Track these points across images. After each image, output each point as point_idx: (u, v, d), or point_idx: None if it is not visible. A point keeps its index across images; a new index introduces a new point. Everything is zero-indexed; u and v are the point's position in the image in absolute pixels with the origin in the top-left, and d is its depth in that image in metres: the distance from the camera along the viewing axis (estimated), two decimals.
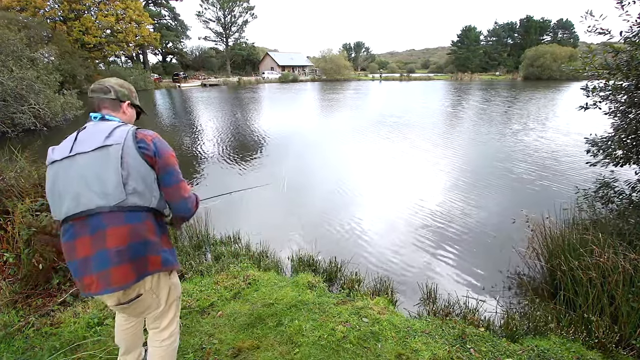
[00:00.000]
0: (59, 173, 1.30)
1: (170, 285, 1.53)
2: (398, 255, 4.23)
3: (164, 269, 1.39)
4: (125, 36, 35.90)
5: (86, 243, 1.25)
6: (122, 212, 1.26)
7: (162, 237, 1.41)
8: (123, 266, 1.25)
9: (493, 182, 6.90)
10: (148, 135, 1.37)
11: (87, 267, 1.25)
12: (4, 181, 3.22)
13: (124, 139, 1.29)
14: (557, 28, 67.12)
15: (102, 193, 1.24)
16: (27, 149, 4.00)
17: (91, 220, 1.25)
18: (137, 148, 1.31)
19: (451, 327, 2.46)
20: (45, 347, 2.13)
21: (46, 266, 2.64)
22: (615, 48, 3.45)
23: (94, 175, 1.25)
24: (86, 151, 1.28)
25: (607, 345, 2.24)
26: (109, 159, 1.26)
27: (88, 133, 1.34)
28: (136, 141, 1.32)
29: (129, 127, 1.36)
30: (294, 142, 11.10)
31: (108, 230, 1.24)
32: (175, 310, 1.60)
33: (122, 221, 1.26)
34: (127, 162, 1.27)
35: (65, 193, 1.27)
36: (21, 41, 14.07)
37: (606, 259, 2.59)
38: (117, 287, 1.26)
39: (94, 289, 1.26)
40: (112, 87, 1.48)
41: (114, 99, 1.47)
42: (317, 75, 54.93)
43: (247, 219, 5.28)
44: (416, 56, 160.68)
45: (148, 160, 1.33)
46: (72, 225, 1.27)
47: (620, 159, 3.81)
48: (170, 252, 1.45)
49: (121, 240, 1.25)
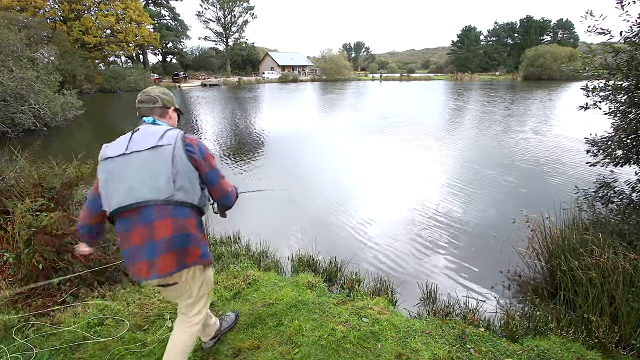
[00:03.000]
0: (114, 169, 1.42)
1: (203, 279, 1.68)
2: (398, 255, 4.23)
3: (201, 261, 1.54)
4: (125, 36, 35.88)
5: (138, 234, 1.40)
6: (169, 205, 1.40)
7: (202, 233, 1.57)
8: (168, 255, 1.40)
9: (493, 182, 6.90)
10: (194, 139, 1.53)
11: (138, 255, 1.40)
12: (4, 181, 3.21)
13: (174, 141, 1.44)
14: (557, 28, 67.09)
15: (154, 187, 1.38)
16: (27, 149, 3.99)
17: (143, 212, 1.39)
18: (185, 150, 1.46)
19: (451, 327, 2.45)
20: (45, 347, 2.13)
21: (46, 266, 2.64)
22: (615, 48, 3.45)
23: (147, 171, 1.39)
24: (141, 150, 1.41)
25: (607, 345, 2.24)
26: (162, 158, 1.40)
27: (142, 134, 1.48)
28: (184, 144, 1.47)
29: (178, 131, 1.51)
30: (294, 142, 11.10)
31: (156, 223, 1.38)
32: (204, 302, 1.76)
33: (169, 214, 1.40)
34: (177, 162, 1.42)
35: (118, 187, 1.40)
36: (21, 41, 14.08)
37: (606, 259, 2.59)
38: (162, 274, 1.41)
39: (144, 274, 1.41)
40: (158, 96, 1.62)
41: (161, 107, 1.63)
42: (317, 75, 54.90)
43: (247, 219, 5.27)
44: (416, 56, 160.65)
45: (193, 162, 1.48)
46: (126, 218, 1.41)
47: (620, 159, 3.80)
48: (206, 247, 1.59)
49: (167, 231, 1.39)
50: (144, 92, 1.64)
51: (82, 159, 3.52)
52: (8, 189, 3.06)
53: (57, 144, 11.39)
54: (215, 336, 2.17)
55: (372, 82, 51.57)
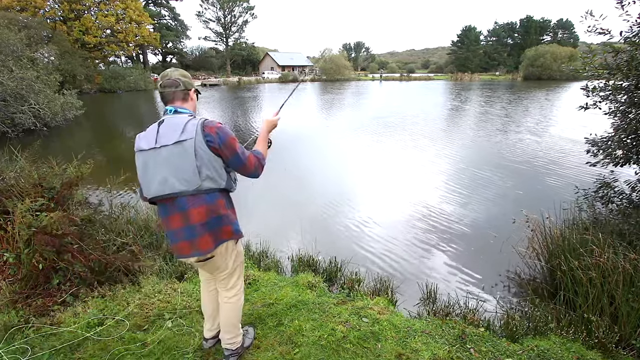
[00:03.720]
0: (147, 160, 1.57)
1: (236, 252, 1.84)
2: (398, 255, 4.23)
3: (234, 236, 1.73)
4: (125, 36, 35.86)
5: (177, 219, 1.60)
6: (200, 194, 1.57)
7: (231, 210, 1.75)
8: (205, 237, 1.61)
9: (493, 182, 6.90)
10: (213, 127, 1.58)
11: (179, 236, 1.62)
12: (4, 181, 3.21)
13: (194, 133, 1.53)
14: (557, 28, 67.10)
15: (183, 180, 1.54)
16: (27, 149, 3.99)
17: (178, 201, 1.57)
18: (205, 141, 1.55)
19: (451, 327, 2.45)
20: (45, 347, 2.13)
21: (46, 266, 2.64)
22: (615, 48, 3.45)
23: (175, 166, 1.53)
24: (168, 144, 1.53)
25: (607, 345, 2.24)
26: (186, 153, 1.52)
27: (167, 127, 1.58)
28: (204, 134, 1.55)
29: (198, 121, 1.58)
30: (294, 142, 11.09)
31: (191, 210, 1.57)
32: (239, 273, 1.93)
33: (201, 202, 1.58)
34: (199, 154, 1.53)
35: (154, 177, 1.56)
36: (21, 41, 14.07)
37: (606, 259, 2.59)
38: (202, 252, 1.63)
39: (185, 252, 1.64)
40: (179, 79, 1.68)
41: (183, 90, 1.70)
42: (317, 75, 54.88)
43: (247, 219, 5.28)
44: (416, 56, 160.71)
45: (214, 151, 1.58)
46: (165, 204, 1.61)
47: (620, 159, 3.81)
48: (237, 223, 1.77)
49: (202, 217, 1.58)
50: (164, 75, 1.70)
51: (82, 159, 3.52)
52: (8, 189, 3.06)
53: (57, 144, 11.40)
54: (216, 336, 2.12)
55: (372, 82, 51.57)
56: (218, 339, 2.15)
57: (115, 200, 4.34)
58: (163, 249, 3.53)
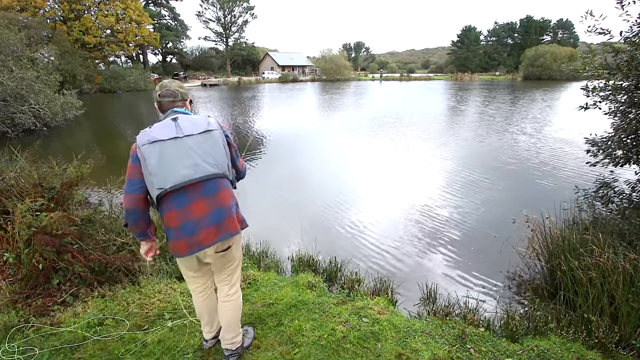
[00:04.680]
0: (166, 150, 1.54)
1: (241, 244, 1.95)
2: (398, 255, 4.23)
3: (243, 225, 1.83)
4: (125, 36, 35.85)
5: (202, 205, 1.60)
6: (225, 179, 1.69)
7: None
8: (232, 218, 1.71)
9: (493, 182, 6.90)
10: (226, 126, 1.82)
11: (203, 224, 1.60)
12: (4, 181, 3.21)
13: (218, 127, 1.70)
14: (557, 28, 67.06)
15: (214, 164, 1.62)
16: (27, 149, 3.99)
17: (207, 185, 1.61)
18: (224, 136, 1.73)
19: (451, 327, 2.45)
20: (45, 347, 2.13)
21: (46, 266, 2.64)
22: (615, 48, 3.45)
23: (206, 151, 1.61)
24: (194, 134, 1.59)
25: (607, 345, 2.24)
26: (215, 140, 1.65)
27: (187, 121, 1.64)
28: (223, 130, 1.73)
29: (215, 119, 1.74)
30: (294, 142, 11.10)
31: (222, 192, 1.66)
32: (240, 268, 1.99)
33: (226, 185, 1.70)
34: (224, 144, 1.70)
35: (178, 164, 1.54)
36: (21, 41, 14.07)
37: (606, 259, 2.59)
38: (231, 233, 1.69)
39: (210, 239, 1.63)
40: (177, 90, 1.78)
41: (181, 100, 1.80)
42: (317, 75, 54.88)
43: (247, 219, 5.27)
44: (416, 56, 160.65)
45: (228, 146, 1.75)
46: (185, 194, 1.58)
47: (620, 159, 3.80)
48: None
49: (229, 199, 1.70)
50: (162, 86, 1.78)
51: (82, 159, 3.52)
52: (8, 189, 3.06)
53: (57, 144, 11.39)
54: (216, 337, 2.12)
55: (372, 82, 51.56)
56: (218, 339, 2.15)
57: (115, 200, 4.34)
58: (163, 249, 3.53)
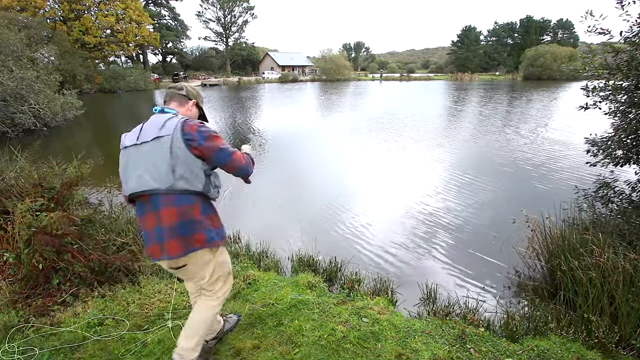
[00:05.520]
0: (129, 157, 1.55)
1: (214, 264, 1.73)
2: (398, 255, 4.23)
3: (207, 245, 1.61)
4: (125, 36, 35.84)
5: (151, 218, 1.53)
6: (173, 194, 1.49)
7: (210, 217, 1.63)
8: (173, 241, 1.51)
9: (493, 182, 6.90)
10: (194, 126, 1.54)
11: (151, 238, 1.55)
12: (4, 181, 3.21)
13: (173, 131, 1.50)
14: (557, 28, 67.07)
15: (157, 177, 1.48)
16: (27, 149, 3.99)
17: (152, 199, 1.51)
18: (184, 140, 1.50)
19: (451, 327, 2.45)
20: (45, 347, 2.13)
21: (46, 266, 2.64)
22: (615, 48, 3.45)
23: (151, 162, 1.49)
24: (147, 140, 1.51)
25: (607, 345, 2.24)
26: (162, 148, 1.48)
27: (149, 124, 1.57)
28: (183, 133, 1.50)
29: (179, 119, 1.55)
30: (294, 142, 11.10)
31: (162, 210, 1.50)
32: (221, 284, 1.82)
33: (173, 203, 1.50)
34: (175, 152, 1.48)
35: (132, 174, 1.52)
36: (21, 41, 14.07)
37: (606, 259, 2.59)
38: (169, 257, 1.54)
39: (156, 255, 1.56)
40: (185, 86, 1.77)
41: (184, 95, 1.74)
42: (317, 75, 54.87)
43: (247, 219, 5.28)
44: (416, 56, 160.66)
45: (194, 151, 1.52)
46: (141, 202, 1.56)
47: (620, 159, 3.80)
48: (217, 231, 1.67)
49: (172, 219, 1.50)
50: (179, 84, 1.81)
51: (82, 159, 3.52)
52: (8, 189, 3.06)
53: (57, 144, 11.39)
54: (217, 337, 2.16)
55: (372, 82, 51.56)
56: (219, 338, 2.16)
57: (115, 200, 4.34)
58: None
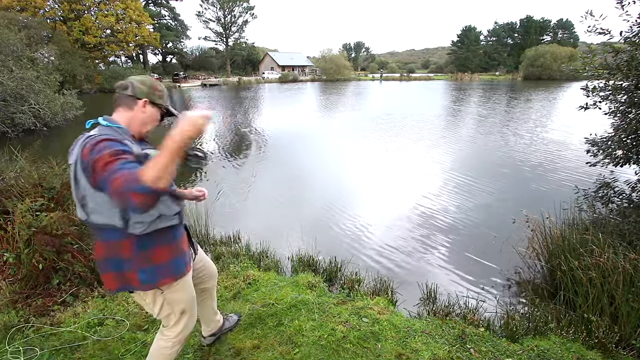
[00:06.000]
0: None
1: (162, 301, 1.48)
2: (398, 255, 4.23)
3: (142, 287, 1.39)
4: (125, 36, 35.86)
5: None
6: (97, 228, 1.31)
7: (142, 254, 1.33)
8: (106, 275, 1.37)
9: (493, 182, 6.89)
10: (89, 146, 1.16)
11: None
12: (4, 181, 3.21)
13: (76, 156, 1.21)
14: (557, 28, 67.07)
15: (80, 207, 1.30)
16: (27, 149, 3.99)
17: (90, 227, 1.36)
18: (82, 168, 1.19)
19: (451, 327, 2.45)
20: (45, 347, 2.13)
21: (46, 266, 2.64)
22: (615, 48, 3.44)
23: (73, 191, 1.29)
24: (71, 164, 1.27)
25: (607, 345, 2.24)
26: (70, 178, 1.27)
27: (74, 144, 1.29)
28: (81, 160, 1.19)
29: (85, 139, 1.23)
30: (294, 142, 11.09)
31: (96, 243, 1.37)
32: (174, 322, 1.57)
33: (100, 237, 1.33)
34: (80, 183, 1.22)
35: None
36: (21, 41, 14.06)
37: (606, 259, 2.59)
38: (109, 290, 1.42)
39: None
40: (132, 82, 1.38)
41: (130, 96, 1.36)
42: (317, 75, 54.87)
43: (247, 219, 5.28)
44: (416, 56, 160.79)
45: (91, 181, 1.18)
46: None
47: (620, 159, 3.80)
48: (150, 270, 1.36)
49: (100, 253, 1.35)
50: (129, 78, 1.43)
51: None
52: (8, 189, 3.06)
53: (57, 144, 11.39)
54: (216, 334, 2.17)
55: (372, 82, 51.56)
56: (217, 336, 2.18)
57: None
58: None
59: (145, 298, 1.47)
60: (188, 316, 1.61)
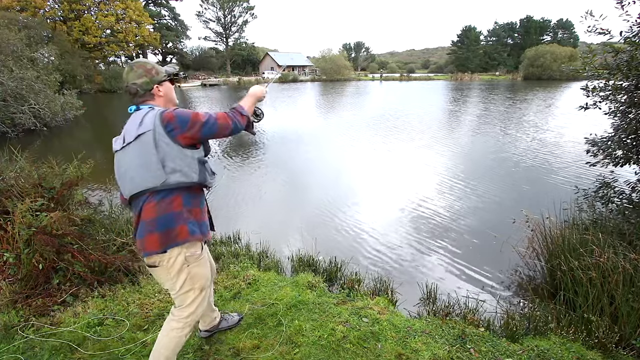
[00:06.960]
0: (119, 162, 1.54)
1: (187, 274, 1.60)
2: (398, 255, 4.23)
3: (190, 238, 1.53)
4: (125, 36, 35.90)
5: (136, 216, 1.52)
6: (163, 190, 1.46)
7: (191, 210, 1.56)
8: (151, 236, 1.48)
9: (493, 182, 6.90)
10: (171, 115, 1.44)
11: (137, 234, 1.53)
12: (4, 181, 3.21)
13: (153, 125, 1.42)
14: (557, 28, 67.08)
15: (149, 176, 1.43)
16: (27, 149, 3.99)
17: (142, 198, 1.48)
18: (167, 132, 1.42)
19: (451, 327, 2.45)
20: (45, 347, 2.13)
21: (46, 266, 2.64)
22: (615, 48, 3.44)
23: (140, 161, 1.44)
24: (130, 141, 1.46)
25: (607, 345, 2.24)
26: (146, 146, 1.42)
27: (129, 124, 1.51)
28: (164, 125, 1.42)
29: (156, 112, 1.46)
30: (294, 142, 11.10)
31: (144, 206, 1.47)
32: (191, 301, 1.67)
33: (155, 197, 1.47)
34: (161, 146, 1.42)
35: (125, 177, 1.50)
36: (21, 41, 14.06)
37: (606, 259, 2.59)
38: (149, 252, 1.51)
39: (140, 250, 1.56)
40: (134, 83, 1.55)
41: (143, 94, 1.57)
42: (317, 75, 54.88)
43: (247, 219, 5.28)
44: (416, 56, 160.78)
45: (181, 140, 1.45)
46: (134, 202, 1.53)
47: (620, 159, 3.80)
48: (194, 223, 1.57)
49: (151, 214, 1.47)
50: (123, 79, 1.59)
51: (82, 159, 3.52)
52: (8, 189, 3.06)
53: (57, 144, 11.40)
54: (210, 331, 2.18)
55: (372, 82, 51.55)
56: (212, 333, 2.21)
57: (115, 200, 4.33)
58: None
59: (172, 271, 1.56)
60: (202, 296, 1.72)
